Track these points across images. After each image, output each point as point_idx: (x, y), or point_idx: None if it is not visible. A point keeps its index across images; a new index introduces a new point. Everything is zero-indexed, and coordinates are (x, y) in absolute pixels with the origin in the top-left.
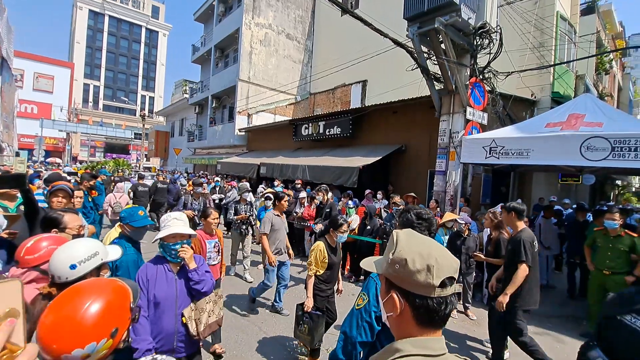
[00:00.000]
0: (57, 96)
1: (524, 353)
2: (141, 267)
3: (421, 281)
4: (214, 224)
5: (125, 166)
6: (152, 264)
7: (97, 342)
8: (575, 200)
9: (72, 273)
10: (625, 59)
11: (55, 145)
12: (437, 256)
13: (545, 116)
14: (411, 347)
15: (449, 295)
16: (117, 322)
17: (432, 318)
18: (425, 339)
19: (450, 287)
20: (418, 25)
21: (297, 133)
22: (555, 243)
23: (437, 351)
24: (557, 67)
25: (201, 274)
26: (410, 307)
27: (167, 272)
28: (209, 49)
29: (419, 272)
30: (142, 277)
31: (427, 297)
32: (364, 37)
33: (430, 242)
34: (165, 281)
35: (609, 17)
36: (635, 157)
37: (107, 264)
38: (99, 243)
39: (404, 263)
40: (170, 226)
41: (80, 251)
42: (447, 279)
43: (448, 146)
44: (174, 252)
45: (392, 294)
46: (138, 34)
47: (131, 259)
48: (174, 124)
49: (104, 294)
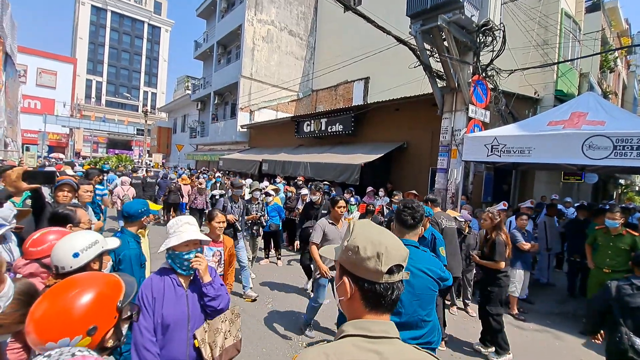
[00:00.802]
0: (60, 92)
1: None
2: (144, 282)
3: (371, 267)
4: (219, 228)
5: (127, 162)
6: (158, 277)
7: (70, 338)
8: (577, 199)
9: (75, 261)
10: (631, 56)
11: (58, 140)
12: (387, 244)
13: (548, 114)
14: (352, 328)
15: (396, 282)
16: (96, 320)
17: (380, 302)
18: (364, 320)
19: (398, 274)
20: (421, 22)
21: (299, 130)
22: (557, 242)
23: (375, 333)
24: (561, 65)
25: (217, 288)
26: (359, 291)
27: (177, 287)
28: (211, 46)
29: (369, 259)
30: (147, 295)
31: (375, 283)
32: (366, 34)
33: (383, 232)
34: (175, 298)
35: (614, 14)
36: (637, 156)
37: (108, 252)
38: (96, 233)
39: (357, 250)
40: (182, 232)
41: (81, 240)
42: (395, 266)
43: (450, 144)
44: (187, 262)
45: (344, 279)
46: (140, 30)
47: (134, 252)
48: (176, 120)
49: (87, 289)
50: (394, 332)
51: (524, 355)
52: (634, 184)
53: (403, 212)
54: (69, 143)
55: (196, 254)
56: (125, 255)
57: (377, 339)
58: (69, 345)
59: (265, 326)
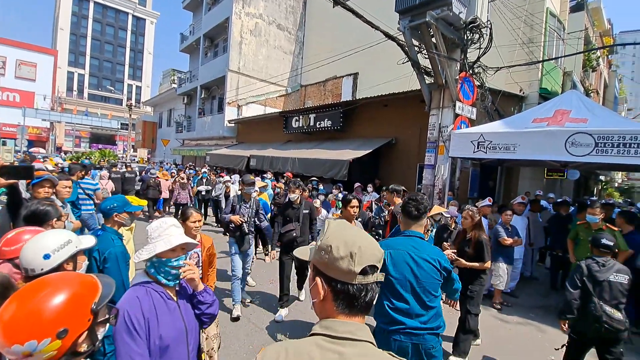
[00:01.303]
0: (40, 84)
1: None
2: (129, 302)
3: (343, 268)
4: (194, 228)
5: (111, 157)
6: (143, 292)
7: (38, 340)
8: (560, 194)
9: (46, 263)
10: (612, 56)
11: (39, 135)
12: (361, 245)
13: (532, 112)
14: (318, 327)
15: (370, 283)
16: (68, 322)
17: (352, 304)
18: (331, 320)
19: (372, 275)
20: (409, 18)
21: (287, 125)
22: (540, 236)
23: (339, 333)
24: (546, 64)
25: (211, 293)
26: (331, 292)
27: (168, 301)
28: (198, 38)
29: (342, 259)
30: (138, 317)
31: (348, 284)
32: (356, 29)
33: (358, 232)
34: (169, 314)
35: (597, 15)
36: (617, 153)
37: (83, 251)
38: (70, 232)
39: (329, 249)
40: (170, 235)
41: (53, 240)
42: (368, 267)
43: (437, 140)
44: (175, 271)
45: (317, 280)
46: (124, 22)
47: (119, 250)
48: (161, 115)
49: (59, 289)
50: (363, 335)
51: (508, 347)
52: (613, 180)
53: (408, 204)
54: (50, 137)
55: (185, 261)
56: (110, 254)
57: (340, 339)
58: (35, 349)
59: (252, 323)
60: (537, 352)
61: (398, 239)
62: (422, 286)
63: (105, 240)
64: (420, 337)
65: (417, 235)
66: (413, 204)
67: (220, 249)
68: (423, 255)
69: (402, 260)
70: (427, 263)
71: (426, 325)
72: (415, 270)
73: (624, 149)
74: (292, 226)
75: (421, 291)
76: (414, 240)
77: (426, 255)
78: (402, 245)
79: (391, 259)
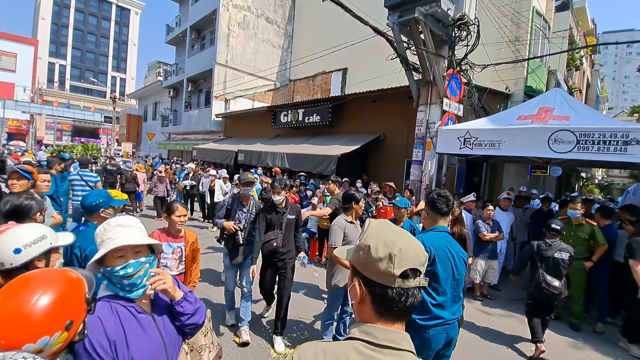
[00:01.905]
0: (20, 75)
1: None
2: (89, 326)
3: (382, 269)
4: (179, 222)
5: (95, 151)
6: (106, 311)
7: (51, 335)
8: (543, 190)
9: (16, 258)
10: (595, 56)
11: (19, 127)
12: (401, 246)
13: (517, 109)
14: (357, 331)
15: (411, 288)
16: (72, 314)
17: (391, 308)
18: (370, 325)
19: (414, 280)
20: (398, 14)
21: (275, 120)
22: (523, 231)
23: (379, 340)
24: (531, 62)
25: (193, 300)
26: (369, 295)
27: (139, 315)
28: (184, 30)
29: (381, 260)
30: (100, 341)
31: (387, 287)
32: (345, 23)
33: (399, 233)
34: (142, 331)
35: (582, 14)
36: (598, 150)
37: (58, 249)
38: (47, 228)
39: (368, 250)
40: (112, 238)
41: (26, 235)
42: (410, 270)
43: (425, 136)
44: (127, 280)
45: (354, 281)
46: (108, 11)
47: None
48: (147, 108)
49: (56, 283)
50: (405, 344)
51: (490, 338)
52: (594, 177)
53: (438, 200)
54: (30, 130)
55: (153, 269)
56: (92, 251)
57: (381, 347)
58: (47, 344)
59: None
60: (519, 344)
61: (434, 234)
62: (457, 280)
63: (88, 236)
64: (451, 326)
65: (446, 231)
66: (443, 200)
67: (207, 245)
68: (457, 250)
69: (445, 255)
70: (460, 258)
71: (455, 315)
72: (454, 264)
73: (604, 147)
74: (273, 235)
75: (456, 285)
76: (446, 235)
77: (459, 250)
78: (440, 240)
79: (437, 255)
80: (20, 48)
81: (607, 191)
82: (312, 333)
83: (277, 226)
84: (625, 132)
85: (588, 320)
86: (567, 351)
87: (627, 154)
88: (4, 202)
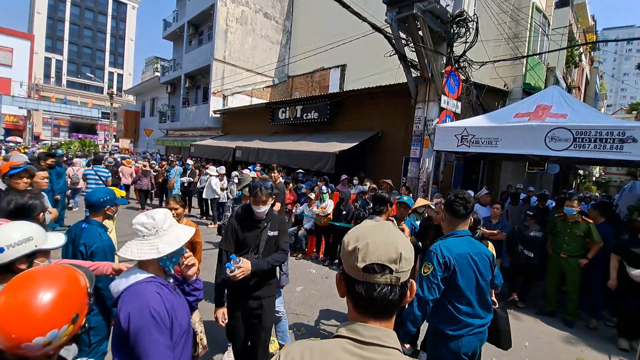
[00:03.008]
0: (16, 71)
1: None
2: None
3: (350, 263)
4: (174, 215)
5: (92, 147)
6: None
7: (59, 329)
8: (540, 188)
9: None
10: (594, 53)
11: (15, 123)
12: (370, 241)
13: (515, 106)
14: (344, 329)
15: (380, 283)
16: (77, 307)
17: (359, 304)
18: (357, 323)
19: (381, 276)
20: (397, 10)
21: (274, 117)
22: None
23: (365, 338)
24: (530, 59)
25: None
26: (347, 289)
27: (173, 289)
28: (182, 25)
29: (350, 254)
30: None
31: (355, 280)
32: (344, 20)
33: (380, 230)
34: (178, 301)
35: (582, 11)
36: (594, 148)
37: (45, 251)
38: (38, 229)
39: (344, 243)
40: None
41: (12, 234)
42: (377, 265)
43: (422, 133)
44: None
45: (337, 275)
46: (104, 6)
47: (107, 244)
48: (144, 104)
49: (61, 279)
50: (390, 341)
51: None
52: (591, 174)
53: (455, 203)
54: (27, 126)
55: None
56: (98, 248)
57: (367, 345)
58: (56, 337)
59: None
60: (513, 340)
61: (453, 240)
62: (482, 284)
63: (92, 233)
64: (483, 332)
65: (468, 234)
66: (461, 203)
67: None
68: (481, 253)
69: (466, 263)
70: (484, 259)
71: (485, 320)
72: (477, 269)
73: (601, 144)
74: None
75: (482, 288)
76: (467, 239)
77: (481, 251)
78: (460, 247)
79: (457, 264)
80: (16, 43)
81: (604, 188)
82: (309, 329)
83: (253, 247)
84: (622, 130)
85: (582, 317)
86: (561, 346)
87: (623, 152)
88: (7, 200)
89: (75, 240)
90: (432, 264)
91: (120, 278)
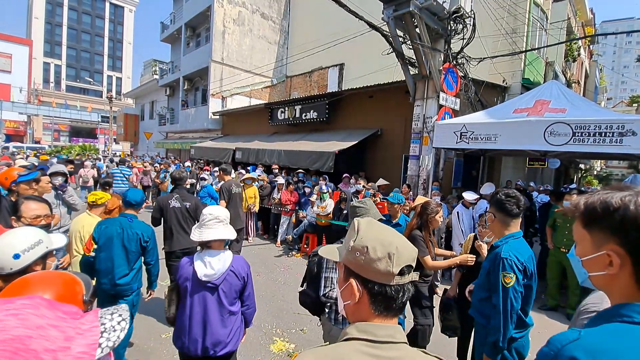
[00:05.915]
0: (15, 76)
1: None
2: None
3: (381, 269)
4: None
5: (92, 151)
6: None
7: None
8: (541, 183)
9: (16, 263)
10: (594, 46)
11: (16, 128)
12: (397, 244)
13: (514, 102)
14: (356, 331)
15: (406, 283)
16: None
17: (389, 305)
18: (368, 323)
19: (408, 275)
20: (393, 7)
21: (273, 117)
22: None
23: (380, 337)
24: (528, 54)
25: None
26: (368, 294)
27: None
28: (179, 27)
29: (380, 260)
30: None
31: (385, 285)
32: (341, 19)
33: (389, 231)
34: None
35: (580, 4)
36: (594, 142)
37: (53, 252)
38: (40, 231)
39: (365, 251)
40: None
41: (22, 239)
42: (405, 267)
43: (422, 131)
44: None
45: (351, 282)
46: (102, 9)
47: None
48: (143, 107)
49: (54, 285)
50: (401, 337)
51: None
52: (592, 168)
53: (507, 202)
54: (28, 131)
55: None
56: (152, 234)
57: (382, 343)
58: None
59: None
60: None
61: (517, 243)
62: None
63: (142, 225)
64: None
65: (519, 236)
66: (513, 201)
67: None
68: (531, 254)
69: (534, 265)
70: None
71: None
72: (534, 272)
73: (600, 138)
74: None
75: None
76: (523, 240)
77: (531, 253)
78: (525, 249)
79: (533, 266)
80: (15, 48)
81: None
82: (311, 329)
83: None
84: (621, 124)
85: None
86: None
87: (622, 145)
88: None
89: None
90: (513, 273)
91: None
